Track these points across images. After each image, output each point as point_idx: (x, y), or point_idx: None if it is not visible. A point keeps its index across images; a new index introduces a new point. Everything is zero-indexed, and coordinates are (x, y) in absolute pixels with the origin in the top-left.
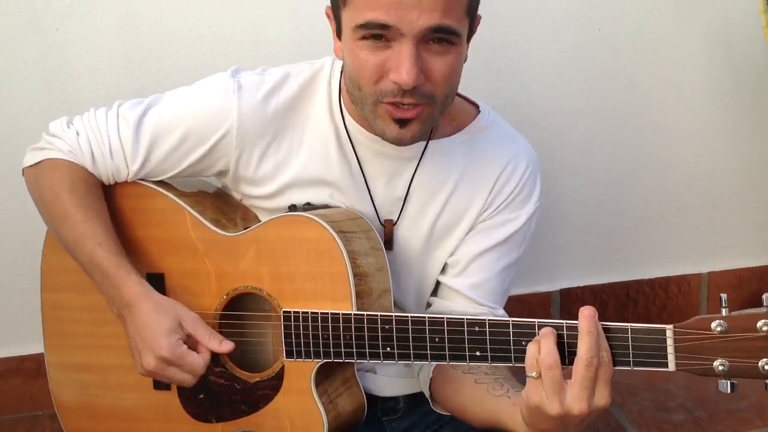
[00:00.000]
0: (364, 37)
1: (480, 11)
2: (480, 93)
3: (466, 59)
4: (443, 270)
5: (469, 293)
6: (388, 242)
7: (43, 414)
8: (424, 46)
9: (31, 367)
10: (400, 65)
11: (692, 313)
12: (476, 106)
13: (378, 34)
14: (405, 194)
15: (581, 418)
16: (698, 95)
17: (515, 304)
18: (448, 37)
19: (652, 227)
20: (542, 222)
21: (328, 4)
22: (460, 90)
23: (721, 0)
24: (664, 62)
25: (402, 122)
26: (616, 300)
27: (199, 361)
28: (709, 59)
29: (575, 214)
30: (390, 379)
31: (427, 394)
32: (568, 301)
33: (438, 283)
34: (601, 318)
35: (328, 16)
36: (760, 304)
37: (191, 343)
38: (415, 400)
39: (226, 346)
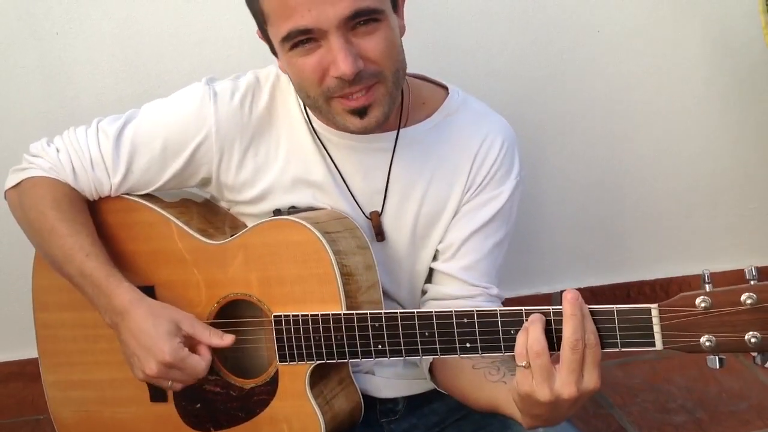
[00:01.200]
0: (293, 46)
1: (479, 13)
2: (478, 94)
3: (404, 30)
4: (434, 256)
5: (461, 276)
6: (380, 234)
7: (44, 418)
8: (352, 32)
9: (32, 372)
10: (336, 59)
11: None
12: (445, 89)
13: (303, 39)
14: (385, 186)
15: (571, 401)
16: (698, 96)
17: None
18: (370, 16)
19: (652, 228)
20: (543, 224)
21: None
22: (433, 75)
23: (720, 0)
24: (663, 63)
25: (361, 112)
26: (617, 301)
27: (200, 363)
28: (708, 60)
29: (575, 215)
30: (388, 380)
31: (427, 377)
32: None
33: (431, 270)
34: None
35: (261, 38)
36: None
37: (190, 345)
38: (415, 401)
39: (227, 339)
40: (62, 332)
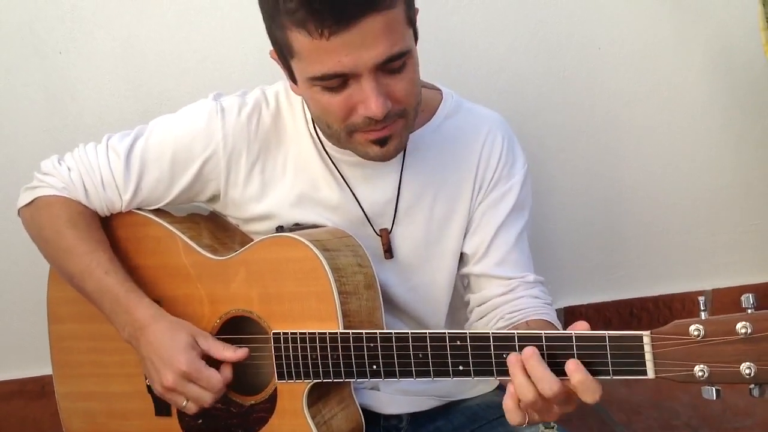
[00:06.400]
0: (322, 86)
1: (480, 29)
2: None
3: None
4: (464, 262)
5: (496, 272)
6: (388, 251)
7: None
8: (381, 72)
9: (34, 390)
10: (367, 100)
11: None
12: (438, 91)
13: (334, 82)
14: (396, 196)
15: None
16: (699, 113)
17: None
18: (401, 59)
19: (654, 244)
20: (545, 240)
21: (271, 48)
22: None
23: (721, 18)
24: (663, 80)
25: (381, 141)
26: (620, 318)
27: (217, 376)
28: (709, 77)
29: (577, 231)
30: (392, 396)
31: None
32: (573, 319)
33: (466, 279)
34: None
35: (274, 59)
36: None
37: (208, 362)
38: (419, 418)
39: (240, 352)
40: (74, 344)
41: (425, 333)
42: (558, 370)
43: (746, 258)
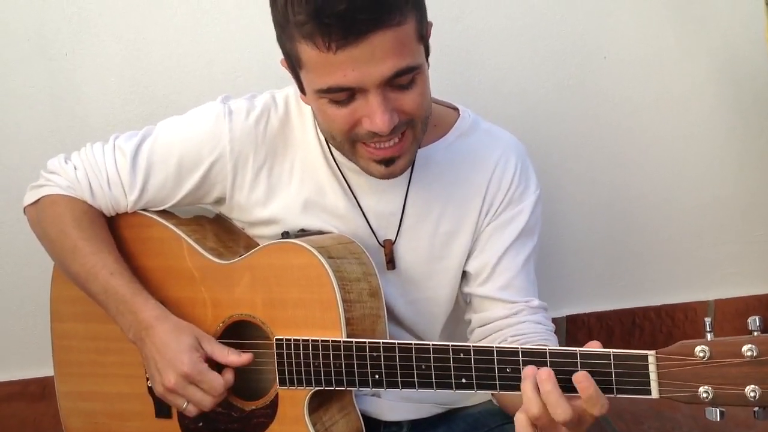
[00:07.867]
0: (329, 99)
1: (486, 37)
2: (486, 117)
3: (428, 65)
4: (467, 281)
5: (500, 296)
6: (390, 262)
7: None
8: (389, 87)
9: (35, 391)
10: (373, 114)
11: None
12: (455, 109)
13: (341, 96)
14: (401, 209)
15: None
16: (703, 122)
17: None
18: (410, 73)
19: (658, 254)
20: (548, 248)
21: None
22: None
23: (725, 26)
24: (668, 89)
25: (387, 161)
26: (623, 327)
27: (219, 380)
28: (714, 86)
29: (581, 240)
30: (394, 403)
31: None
32: (575, 328)
33: (468, 297)
34: (608, 346)
35: (284, 67)
36: None
37: (210, 365)
38: (419, 425)
39: (245, 356)
40: (75, 343)
41: (429, 345)
42: (562, 387)
43: (750, 269)
